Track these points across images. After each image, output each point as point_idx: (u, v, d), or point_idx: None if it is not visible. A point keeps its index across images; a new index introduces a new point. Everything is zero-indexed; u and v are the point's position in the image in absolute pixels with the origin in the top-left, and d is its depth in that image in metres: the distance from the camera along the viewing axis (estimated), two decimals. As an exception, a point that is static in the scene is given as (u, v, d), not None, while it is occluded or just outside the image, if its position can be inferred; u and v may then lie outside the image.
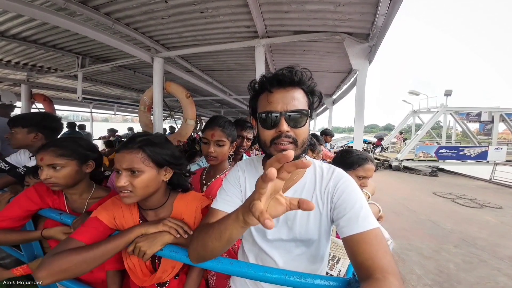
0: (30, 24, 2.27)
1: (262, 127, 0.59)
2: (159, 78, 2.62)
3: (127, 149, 0.69)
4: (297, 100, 0.57)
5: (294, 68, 0.58)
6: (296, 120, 0.57)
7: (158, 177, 0.73)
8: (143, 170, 0.68)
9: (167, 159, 0.74)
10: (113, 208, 0.76)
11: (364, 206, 0.56)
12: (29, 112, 1.43)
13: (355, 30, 1.97)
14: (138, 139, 0.72)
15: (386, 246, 0.50)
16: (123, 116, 10.50)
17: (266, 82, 0.59)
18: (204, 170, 1.14)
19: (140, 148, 0.70)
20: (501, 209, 5.30)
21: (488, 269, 2.80)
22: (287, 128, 0.56)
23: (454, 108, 10.96)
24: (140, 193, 0.69)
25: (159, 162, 0.72)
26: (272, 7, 1.78)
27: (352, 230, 0.52)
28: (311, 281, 0.58)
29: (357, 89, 2.09)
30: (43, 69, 3.70)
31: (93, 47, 2.91)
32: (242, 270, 0.63)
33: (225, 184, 0.71)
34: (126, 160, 0.68)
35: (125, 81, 4.82)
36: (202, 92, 5.49)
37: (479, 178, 8.99)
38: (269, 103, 0.58)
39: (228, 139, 1.04)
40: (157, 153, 0.72)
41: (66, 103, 6.23)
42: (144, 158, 0.69)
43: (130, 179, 0.67)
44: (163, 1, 1.75)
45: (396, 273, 0.45)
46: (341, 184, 0.60)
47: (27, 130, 1.22)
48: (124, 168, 0.68)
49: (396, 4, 1.38)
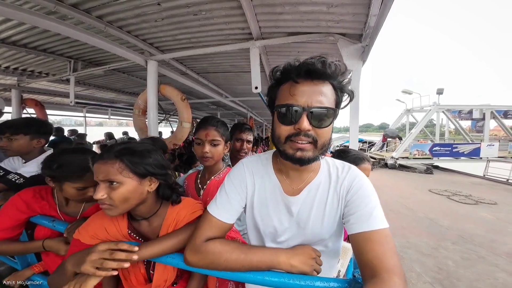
0: (20, 28, 2.23)
1: (280, 122, 0.53)
2: (153, 81, 2.59)
3: (103, 159, 0.64)
4: (325, 96, 0.50)
5: (328, 58, 0.50)
6: (320, 118, 0.50)
7: (140, 188, 0.67)
8: (121, 182, 0.63)
9: (148, 169, 0.67)
10: (94, 225, 0.72)
11: (377, 206, 0.54)
12: (23, 118, 1.41)
13: (348, 31, 2.00)
14: (116, 148, 0.66)
15: (394, 247, 0.49)
16: (118, 120, 10.37)
17: (292, 70, 0.51)
18: (198, 174, 1.10)
19: (117, 158, 0.64)
20: (496, 205, 5.41)
21: (487, 265, 2.84)
22: (308, 127, 0.50)
23: (446, 106, 11.22)
24: (120, 206, 0.64)
25: (139, 172, 0.66)
26: (266, 9, 1.79)
27: (363, 227, 0.51)
28: (310, 283, 0.57)
29: (352, 88, 2.11)
30: (34, 74, 3.62)
31: (85, 51, 2.87)
32: (241, 274, 0.62)
33: (228, 185, 0.65)
34: (102, 172, 0.62)
35: (119, 84, 4.77)
36: (198, 95, 5.48)
37: (473, 175, 9.19)
38: (291, 95, 0.50)
39: (223, 138, 1.01)
40: (137, 163, 0.65)
41: (58, 108, 6.12)
42: (122, 169, 0.63)
43: (108, 191, 0.62)
44: (156, 3, 1.73)
45: (402, 275, 0.44)
46: (357, 183, 0.58)
47: (30, 137, 1.22)
48: (101, 180, 0.63)
49: (388, 4, 1.40)
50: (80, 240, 0.70)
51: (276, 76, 0.55)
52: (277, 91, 0.56)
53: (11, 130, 1.18)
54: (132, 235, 0.74)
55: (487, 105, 11.14)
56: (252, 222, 0.68)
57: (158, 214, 0.76)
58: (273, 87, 0.57)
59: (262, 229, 0.66)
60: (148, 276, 0.75)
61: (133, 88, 5.07)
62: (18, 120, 1.29)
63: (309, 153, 0.52)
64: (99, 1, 1.67)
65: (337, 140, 19.23)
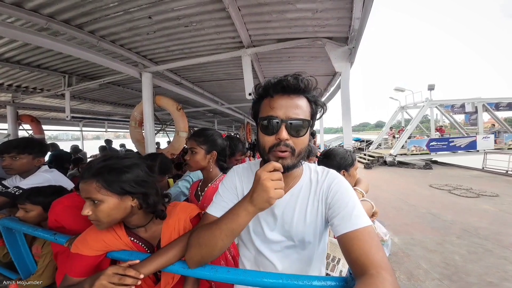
0: (13, 45, 2.26)
1: (263, 132, 0.59)
2: (148, 92, 2.62)
3: (83, 179, 0.66)
4: (300, 109, 0.57)
5: (301, 75, 0.58)
6: (297, 129, 0.56)
7: (122, 204, 0.67)
8: (101, 200, 0.64)
9: (125, 188, 0.67)
10: (91, 238, 0.73)
11: (356, 205, 0.57)
12: (26, 138, 1.46)
13: (334, 35, 2.07)
14: (94, 167, 0.66)
15: (379, 242, 0.52)
16: (115, 133, 10.35)
17: (270, 86, 0.58)
18: (199, 183, 1.18)
19: (93, 177, 0.65)
20: (498, 197, 5.40)
21: (495, 258, 2.80)
22: (287, 136, 0.55)
23: (439, 101, 11.40)
24: (105, 221, 0.66)
25: (116, 191, 0.66)
26: (254, 18, 1.86)
27: (346, 228, 0.54)
28: (308, 282, 0.58)
29: (342, 90, 2.17)
30: (28, 90, 3.65)
31: (79, 65, 2.91)
32: (240, 277, 0.64)
33: (221, 189, 0.72)
34: (83, 191, 0.65)
35: (114, 97, 4.80)
36: (194, 104, 5.52)
37: (472, 168, 9.22)
38: (271, 108, 0.57)
39: (201, 147, 1.07)
40: (113, 181, 0.65)
41: (55, 122, 6.13)
42: (100, 187, 0.64)
43: (92, 209, 0.65)
44: (147, 17, 1.79)
45: (389, 269, 0.46)
46: (335, 185, 0.62)
47: (33, 156, 1.31)
48: (84, 198, 0.65)
49: (368, 6, 1.46)
50: (79, 253, 0.70)
51: (259, 92, 0.62)
52: (259, 105, 0.63)
53: (17, 150, 1.26)
54: (135, 241, 0.76)
55: (478, 98, 11.34)
56: None
57: (153, 221, 0.77)
58: (256, 102, 0.64)
59: (252, 228, 0.69)
60: (155, 276, 0.77)
61: (129, 100, 5.11)
62: (22, 140, 1.37)
63: (288, 161, 0.57)
64: (91, 16, 1.72)
65: (335, 140, 19.37)
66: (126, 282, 0.61)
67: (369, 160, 10.90)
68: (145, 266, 0.66)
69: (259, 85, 0.62)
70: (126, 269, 0.63)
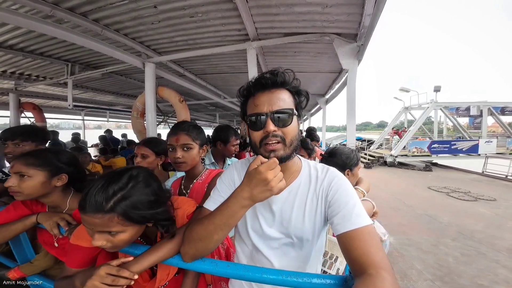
0: (16, 32, 2.23)
1: (251, 129, 0.61)
2: (151, 83, 2.60)
3: (97, 212, 0.56)
4: (282, 101, 0.59)
5: (277, 70, 0.60)
6: (283, 119, 0.59)
7: (140, 230, 0.66)
8: (122, 231, 0.60)
9: (146, 216, 0.63)
10: (87, 232, 0.71)
11: (357, 204, 0.57)
12: (29, 125, 1.47)
13: (343, 31, 2.02)
14: (112, 200, 0.57)
15: (379, 242, 0.52)
16: (117, 123, 10.35)
17: (251, 86, 0.62)
18: (182, 180, 1.10)
19: (113, 212, 0.57)
20: (495, 201, 5.43)
21: (487, 261, 2.84)
22: (274, 128, 0.57)
23: (444, 103, 11.26)
24: (122, 247, 0.64)
25: (139, 221, 0.62)
26: (261, 10, 1.81)
27: (346, 227, 0.53)
28: (308, 280, 0.58)
29: (348, 88, 2.14)
30: (31, 77, 3.62)
31: (82, 54, 2.87)
32: (240, 272, 0.63)
33: (219, 185, 0.71)
34: (98, 225, 0.57)
35: (116, 87, 4.77)
36: (196, 96, 5.48)
37: (472, 171, 9.21)
38: (255, 106, 0.60)
39: (196, 142, 1.00)
40: (137, 214, 0.60)
41: (56, 111, 6.12)
42: (123, 221, 0.59)
43: (107, 238, 0.59)
44: (153, 6, 1.74)
45: (388, 269, 0.46)
46: (336, 183, 0.62)
47: (36, 144, 1.30)
48: (97, 231, 0.59)
49: (381, 4, 1.42)
50: (78, 245, 0.70)
51: (243, 93, 0.65)
52: (246, 105, 0.65)
53: (21, 137, 1.25)
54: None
55: (484, 101, 11.19)
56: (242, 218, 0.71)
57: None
58: (243, 103, 0.66)
59: (250, 224, 0.69)
60: (151, 271, 0.76)
61: (131, 90, 5.07)
62: (26, 127, 1.36)
63: (281, 152, 0.58)
64: (95, 4, 1.68)
65: (337, 139, 19.28)
66: (119, 283, 0.59)
67: (370, 160, 10.90)
68: (140, 263, 0.64)
69: (242, 87, 0.65)
70: (120, 269, 0.61)
